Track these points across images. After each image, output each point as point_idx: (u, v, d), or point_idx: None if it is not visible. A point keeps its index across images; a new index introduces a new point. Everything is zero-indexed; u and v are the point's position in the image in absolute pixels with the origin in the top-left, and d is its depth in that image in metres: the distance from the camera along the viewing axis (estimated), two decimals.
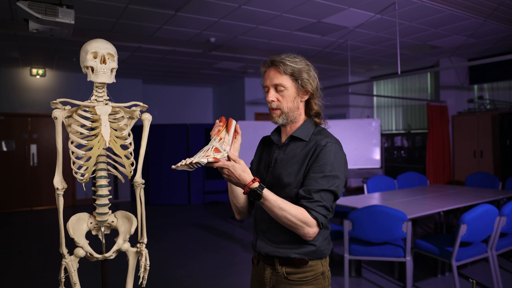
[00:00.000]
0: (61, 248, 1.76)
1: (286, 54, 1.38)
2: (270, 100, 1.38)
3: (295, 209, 1.25)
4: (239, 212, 1.51)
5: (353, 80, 8.40)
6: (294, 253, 1.34)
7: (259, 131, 4.61)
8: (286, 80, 1.35)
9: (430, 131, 6.86)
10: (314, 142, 1.36)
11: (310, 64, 1.40)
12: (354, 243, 3.27)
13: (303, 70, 1.36)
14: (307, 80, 1.36)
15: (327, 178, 1.28)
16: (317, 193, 1.27)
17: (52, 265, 4.10)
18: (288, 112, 1.38)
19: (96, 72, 1.74)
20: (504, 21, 4.90)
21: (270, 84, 1.38)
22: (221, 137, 1.34)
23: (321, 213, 1.26)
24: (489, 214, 2.95)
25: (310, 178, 1.30)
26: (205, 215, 6.91)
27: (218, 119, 1.40)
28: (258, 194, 1.24)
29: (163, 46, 5.88)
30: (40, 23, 3.05)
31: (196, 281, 3.65)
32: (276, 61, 1.36)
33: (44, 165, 7.72)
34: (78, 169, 1.76)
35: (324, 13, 4.49)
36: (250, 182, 1.24)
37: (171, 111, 9.81)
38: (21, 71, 7.44)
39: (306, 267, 1.34)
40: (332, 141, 1.34)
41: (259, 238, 1.43)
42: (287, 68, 1.34)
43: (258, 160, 1.54)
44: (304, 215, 1.25)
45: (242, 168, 1.24)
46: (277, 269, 1.37)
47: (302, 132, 1.40)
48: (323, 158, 1.30)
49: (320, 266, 1.37)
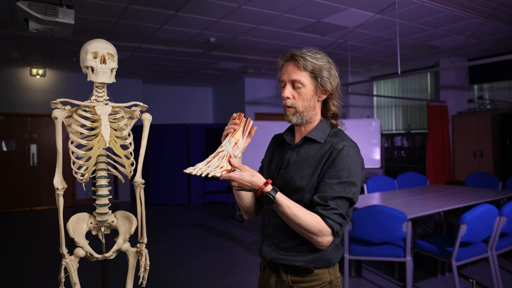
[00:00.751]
0: (61, 248, 1.76)
1: (307, 48, 1.28)
2: (285, 97, 1.28)
3: (309, 216, 1.17)
4: (246, 212, 1.44)
5: (353, 80, 8.41)
6: (299, 261, 1.27)
7: (259, 131, 4.62)
8: (305, 77, 1.26)
9: (430, 131, 6.86)
10: (330, 145, 1.27)
11: (332, 62, 1.31)
12: (354, 243, 3.27)
13: (324, 68, 1.27)
14: (327, 78, 1.27)
15: (343, 184, 1.20)
16: (333, 200, 1.19)
17: (52, 265, 4.10)
18: (303, 111, 1.29)
19: (96, 72, 1.74)
20: (504, 21, 4.90)
21: (287, 79, 1.28)
22: (236, 140, 1.23)
23: (336, 221, 1.19)
24: (489, 214, 2.95)
25: (326, 184, 1.22)
26: (205, 215, 6.91)
27: (236, 114, 1.28)
28: (270, 199, 1.15)
29: (163, 46, 5.88)
30: (40, 23, 3.05)
31: (196, 281, 3.65)
32: (296, 55, 1.26)
33: (44, 165, 7.72)
34: (78, 169, 1.76)
35: (324, 13, 4.49)
36: (262, 185, 1.15)
37: (171, 111, 9.81)
38: (21, 71, 7.44)
39: (312, 275, 1.27)
40: (349, 145, 1.25)
41: (265, 243, 1.36)
42: (308, 64, 1.24)
43: (269, 159, 1.45)
44: (320, 223, 1.17)
45: (250, 174, 1.15)
46: (282, 277, 1.31)
47: (317, 134, 1.31)
48: (339, 163, 1.22)
49: (328, 275, 1.29)
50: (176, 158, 7.95)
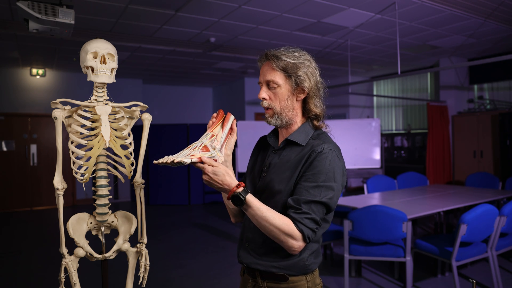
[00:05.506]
0: (61, 248, 1.76)
1: (285, 47, 1.25)
2: (261, 98, 1.26)
3: (280, 219, 1.13)
4: (233, 215, 1.42)
5: (353, 80, 8.40)
6: (274, 267, 1.23)
7: (259, 131, 4.61)
8: (279, 76, 1.22)
9: (430, 131, 6.86)
10: (309, 148, 1.23)
11: (311, 60, 1.26)
12: (354, 243, 3.27)
13: (300, 66, 1.22)
14: (302, 77, 1.22)
15: (320, 188, 1.16)
16: (306, 204, 1.15)
17: (52, 265, 4.10)
18: (281, 112, 1.25)
19: (96, 72, 1.74)
20: (504, 21, 4.90)
21: (262, 80, 1.26)
22: (213, 133, 1.23)
23: (308, 226, 1.14)
24: (489, 214, 2.95)
25: (301, 187, 1.17)
26: (205, 215, 6.91)
27: (216, 112, 1.29)
28: (241, 199, 1.12)
29: (163, 46, 5.88)
30: (40, 23, 3.05)
31: (196, 281, 3.65)
32: (270, 55, 1.24)
33: (44, 165, 7.72)
34: (78, 169, 1.76)
35: (324, 13, 4.49)
36: (234, 187, 1.13)
37: (171, 111, 9.81)
38: (21, 71, 7.44)
39: (287, 283, 1.23)
40: (329, 148, 1.21)
41: (242, 247, 1.33)
42: (280, 63, 1.21)
43: (253, 162, 1.42)
44: (290, 226, 1.13)
45: (224, 172, 1.13)
46: (259, 283, 1.27)
47: (299, 136, 1.27)
48: (317, 166, 1.18)
49: (305, 282, 1.24)
50: None
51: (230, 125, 1.27)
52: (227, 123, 1.27)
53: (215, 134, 1.23)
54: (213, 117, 1.29)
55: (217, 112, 1.29)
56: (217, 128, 1.25)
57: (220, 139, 1.23)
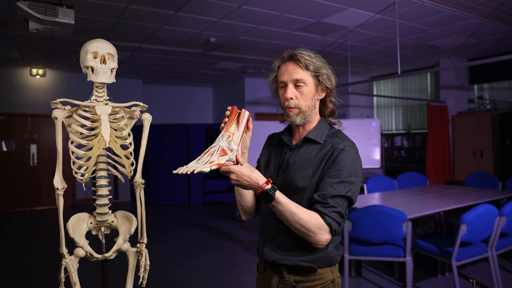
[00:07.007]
0: (61, 248, 1.76)
1: (302, 48, 1.31)
2: (289, 98, 1.28)
3: (308, 214, 1.18)
4: (245, 212, 1.43)
5: (353, 80, 8.40)
6: (302, 260, 1.28)
7: (259, 131, 4.62)
8: (307, 75, 1.28)
9: (430, 131, 6.86)
10: (331, 145, 1.28)
11: (324, 61, 1.34)
12: (354, 243, 3.27)
13: (322, 66, 1.30)
14: (326, 76, 1.30)
15: (343, 183, 1.22)
16: (332, 199, 1.20)
17: (52, 265, 4.10)
18: (306, 111, 1.30)
19: (96, 72, 1.74)
20: (504, 21, 4.90)
21: (288, 79, 1.28)
22: (229, 133, 1.19)
23: (335, 219, 1.19)
24: (489, 214, 2.95)
25: (326, 183, 1.22)
26: (205, 215, 6.91)
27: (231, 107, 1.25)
28: (270, 196, 1.15)
29: (163, 46, 5.88)
30: (40, 23, 3.05)
31: (196, 281, 3.65)
32: (296, 54, 1.28)
33: (44, 165, 7.72)
34: (78, 169, 1.76)
35: (324, 13, 4.49)
36: (263, 184, 1.15)
37: (171, 111, 9.81)
38: (21, 71, 7.44)
39: (315, 275, 1.28)
40: (350, 145, 1.28)
41: (266, 244, 1.36)
42: (309, 62, 1.27)
43: (266, 160, 1.44)
44: (318, 220, 1.17)
45: (250, 170, 1.14)
46: (285, 277, 1.31)
47: (317, 134, 1.32)
48: (340, 162, 1.23)
49: (330, 274, 1.30)
50: (176, 158, 7.95)
51: (245, 122, 1.24)
52: (242, 120, 1.23)
53: (231, 134, 1.19)
54: (226, 114, 1.25)
55: (232, 108, 1.24)
56: (233, 126, 1.21)
57: (236, 139, 1.19)
